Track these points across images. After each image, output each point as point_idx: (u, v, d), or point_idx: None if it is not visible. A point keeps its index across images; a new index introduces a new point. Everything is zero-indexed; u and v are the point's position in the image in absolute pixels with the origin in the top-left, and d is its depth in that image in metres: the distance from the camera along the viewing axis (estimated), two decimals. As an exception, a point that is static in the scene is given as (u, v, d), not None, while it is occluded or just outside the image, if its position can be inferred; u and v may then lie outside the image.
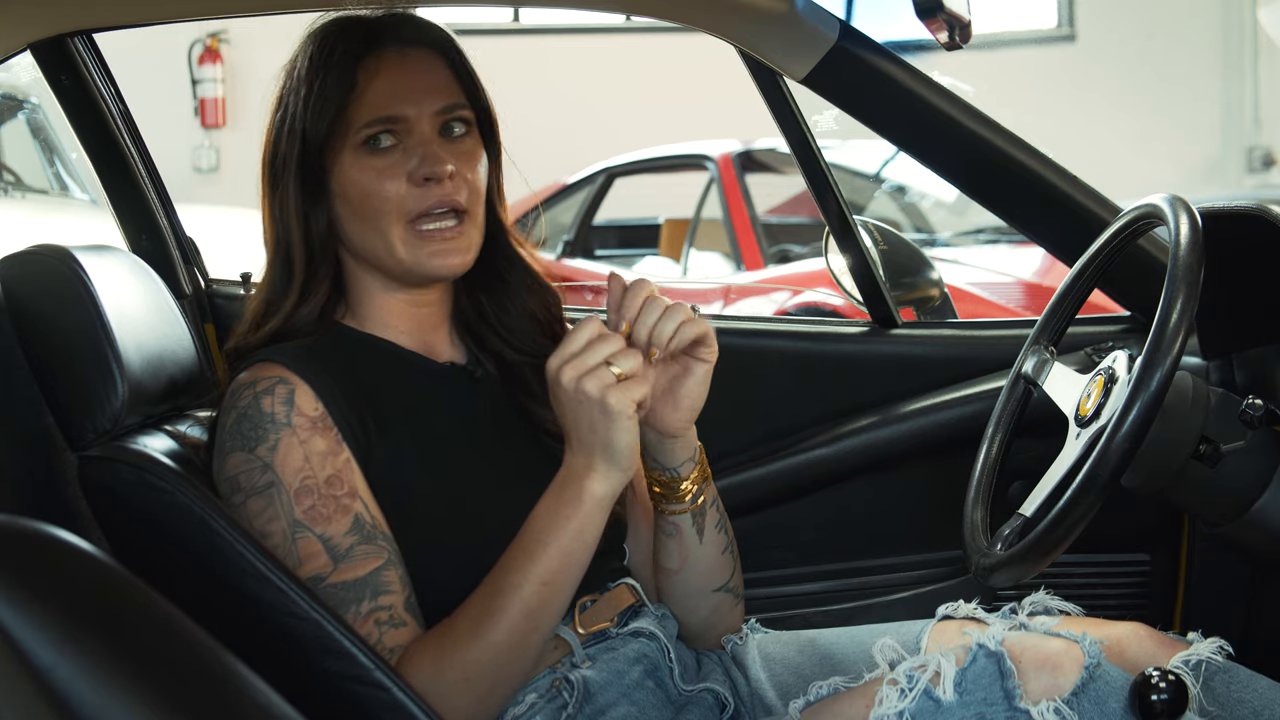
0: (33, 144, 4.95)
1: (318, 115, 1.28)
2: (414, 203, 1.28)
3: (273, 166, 1.32)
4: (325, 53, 1.29)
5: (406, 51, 1.31)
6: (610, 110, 8.09)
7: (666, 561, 1.37)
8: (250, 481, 1.22)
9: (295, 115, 1.29)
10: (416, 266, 1.30)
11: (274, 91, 1.34)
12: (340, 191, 1.30)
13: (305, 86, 1.29)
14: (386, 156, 1.29)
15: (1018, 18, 8.79)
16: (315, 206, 1.31)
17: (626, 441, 1.17)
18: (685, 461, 1.31)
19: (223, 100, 8.21)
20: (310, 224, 1.31)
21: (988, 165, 1.66)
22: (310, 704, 0.94)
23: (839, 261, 1.87)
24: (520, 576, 1.18)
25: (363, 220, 1.30)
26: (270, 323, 1.31)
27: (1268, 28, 7.95)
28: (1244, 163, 8.41)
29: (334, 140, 1.29)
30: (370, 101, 1.28)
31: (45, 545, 0.75)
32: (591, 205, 5.72)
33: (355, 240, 1.31)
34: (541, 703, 1.24)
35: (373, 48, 1.30)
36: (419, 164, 1.28)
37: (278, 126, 1.32)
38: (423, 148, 1.29)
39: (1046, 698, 1.12)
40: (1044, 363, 1.42)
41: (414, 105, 1.29)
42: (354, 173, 1.29)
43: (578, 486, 1.18)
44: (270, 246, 1.34)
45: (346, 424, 1.25)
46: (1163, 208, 1.27)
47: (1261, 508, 1.26)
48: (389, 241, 1.29)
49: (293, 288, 1.31)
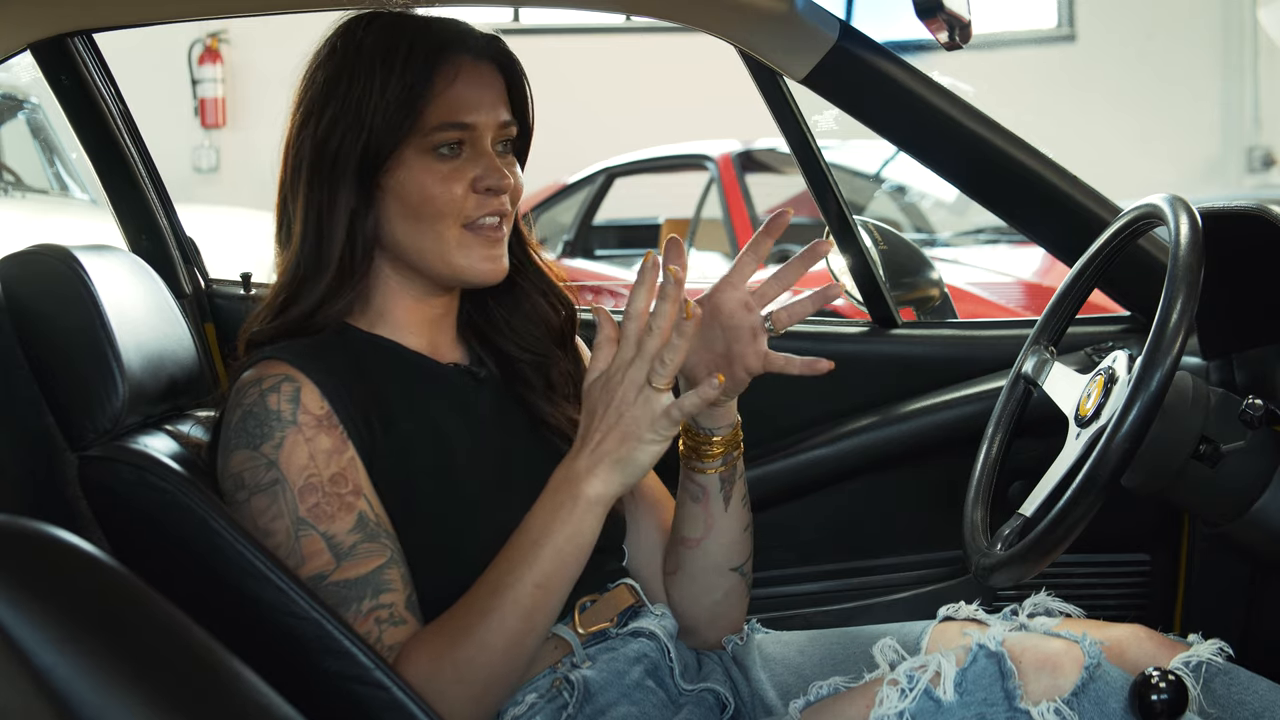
0: (33, 144, 4.95)
1: (392, 114, 1.27)
2: (472, 209, 1.30)
3: (321, 159, 1.29)
4: (398, 51, 1.28)
5: (479, 63, 1.33)
6: (610, 110, 8.10)
7: (690, 530, 1.37)
8: (255, 479, 1.22)
9: (364, 110, 1.27)
10: (469, 268, 1.31)
11: (308, 78, 1.32)
12: (397, 190, 1.29)
13: (379, 82, 1.27)
14: (451, 162, 1.30)
15: (1018, 18, 8.79)
16: (367, 204, 1.30)
17: (646, 462, 1.18)
18: (723, 426, 1.34)
19: (223, 100, 8.22)
20: (356, 221, 1.30)
21: (988, 165, 1.66)
22: (310, 704, 0.94)
23: (839, 261, 1.87)
24: (515, 577, 1.18)
25: (417, 220, 1.30)
26: (292, 313, 1.31)
27: (1268, 28, 7.95)
28: (1244, 163, 8.42)
29: (405, 140, 1.28)
30: (445, 106, 1.28)
31: (45, 545, 0.75)
32: (591, 205, 5.73)
33: (402, 240, 1.31)
34: (541, 703, 1.24)
35: (450, 54, 1.30)
36: (484, 174, 1.30)
37: (331, 119, 1.29)
38: (486, 159, 1.31)
39: (1047, 698, 1.12)
40: (1044, 363, 1.42)
41: (483, 114, 1.31)
42: (418, 174, 1.29)
43: (575, 489, 1.18)
44: (301, 238, 1.31)
45: (352, 422, 1.25)
46: (1163, 208, 1.27)
47: (1261, 508, 1.26)
48: (443, 243, 1.30)
49: (322, 282, 1.30)
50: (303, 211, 1.31)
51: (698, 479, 1.35)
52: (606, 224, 6.11)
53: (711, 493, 1.35)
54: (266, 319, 1.32)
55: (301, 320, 1.30)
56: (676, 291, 1.15)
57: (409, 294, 1.35)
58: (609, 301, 4.50)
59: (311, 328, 1.31)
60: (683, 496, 1.37)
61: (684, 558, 1.39)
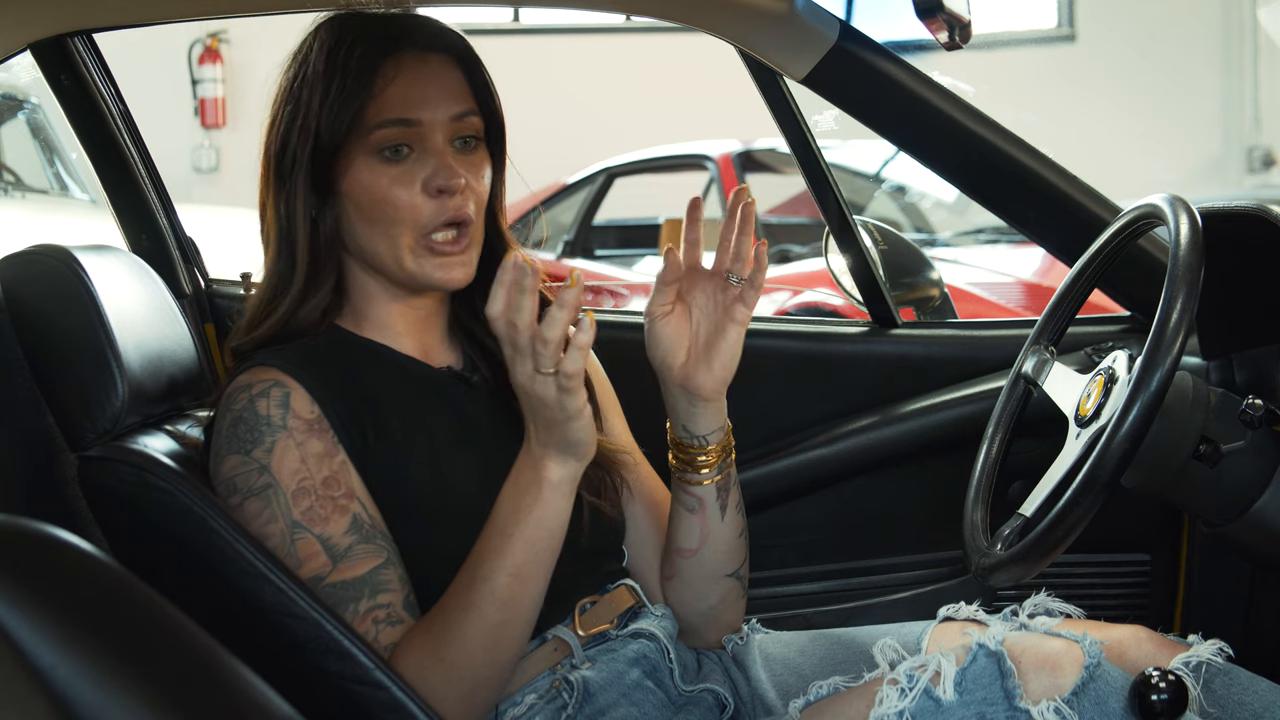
0: (33, 144, 4.95)
1: (334, 115, 1.27)
2: (428, 216, 1.28)
3: (280, 162, 1.30)
4: (343, 51, 1.28)
5: (425, 56, 1.30)
6: (610, 110, 8.10)
7: (685, 541, 1.37)
8: (247, 484, 1.22)
9: (310, 112, 1.28)
10: (422, 276, 1.30)
11: (278, 83, 1.33)
12: (350, 194, 1.29)
13: (322, 83, 1.27)
14: (400, 164, 1.28)
15: (1018, 18, 8.79)
16: (324, 206, 1.30)
17: (583, 437, 1.16)
18: (714, 430, 1.33)
19: (223, 100, 8.21)
20: (316, 224, 1.31)
21: (988, 165, 1.66)
22: (310, 704, 0.94)
23: (839, 261, 1.87)
24: (490, 569, 1.18)
25: (371, 224, 1.29)
26: (270, 321, 1.31)
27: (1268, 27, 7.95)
28: (1244, 163, 8.42)
29: (349, 141, 1.27)
30: (386, 103, 1.27)
31: (45, 545, 0.75)
32: (591, 205, 5.73)
33: (361, 243, 1.31)
34: (541, 704, 1.24)
35: (392, 50, 1.29)
36: (433, 174, 1.27)
37: (287, 121, 1.29)
38: (436, 157, 1.28)
39: (1047, 697, 1.12)
40: (1044, 363, 1.42)
41: (429, 110, 1.28)
42: (366, 177, 1.28)
43: (535, 473, 1.18)
44: (272, 244, 1.33)
45: (343, 426, 1.25)
46: (1163, 208, 1.27)
47: (1261, 508, 1.26)
48: (397, 250, 1.29)
49: (294, 287, 1.31)
50: (272, 216, 1.32)
51: (694, 491, 1.35)
52: (606, 224, 6.11)
53: (708, 503, 1.35)
54: (249, 329, 1.32)
55: (280, 326, 1.30)
56: (533, 281, 1.10)
57: (386, 295, 1.34)
58: (609, 301, 4.51)
59: (294, 331, 1.31)
60: (677, 508, 1.37)
61: (679, 566, 1.39)
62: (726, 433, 1.34)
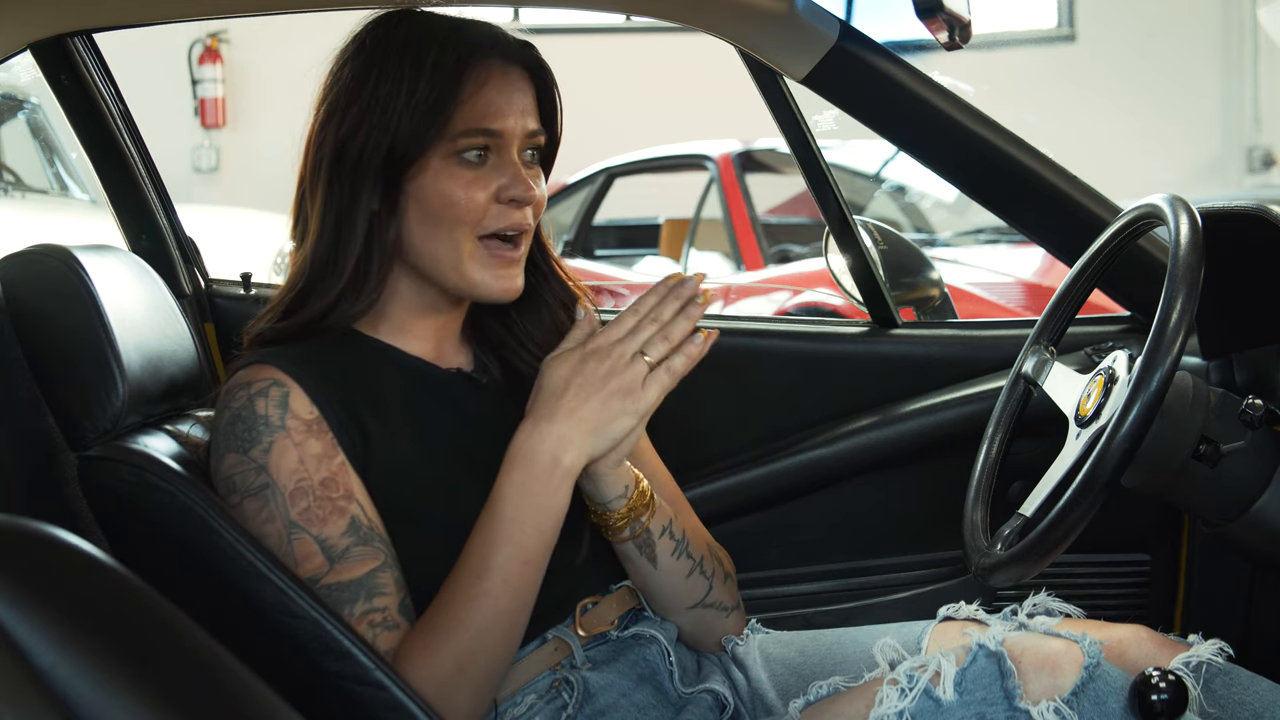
0: (33, 144, 4.95)
1: (420, 115, 1.25)
2: (492, 220, 1.28)
3: (343, 157, 1.27)
4: (428, 52, 1.26)
5: (509, 68, 1.30)
6: (610, 110, 8.08)
7: (632, 578, 1.37)
8: (245, 483, 1.22)
9: (392, 110, 1.25)
10: (482, 285, 1.29)
11: (334, 74, 1.29)
12: (418, 194, 1.27)
13: (406, 83, 1.25)
14: (477, 169, 1.27)
15: (1018, 18, 8.79)
16: (389, 208, 1.28)
17: (618, 434, 1.21)
18: (615, 499, 1.28)
19: (223, 100, 8.21)
20: (375, 226, 1.28)
21: (988, 165, 1.66)
22: (310, 704, 0.94)
23: (839, 261, 1.87)
24: (503, 558, 1.18)
25: (435, 226, 1.27)
26: (301, 315, 1.29)
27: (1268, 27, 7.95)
28: (1244, 162, 8.41)
29: (430, 142, 1.26)
30: (473, 111, 1.26)
31: (45, 545, 0.75)
32: (591, 205, 5.72)
33: (419, 246, 1.28)
34: (541, 704, 1.24)
35: (478, 57, 1.27)
36: (509, 184, 1.27)
37: (356, 116, 1.26)
38: (512, 168, 1.28)
39: (1046, 697, 1.12)
40: (1044, 363, 1.42)
41: (511, 122, 1.28)
42: (442, 179, 1.26)
43: (551, 459, 1.19)
44: (314, 238, 1.29)
45: (343, 428, 1.25)
46: (1163, 208, 1.27)
47: (1261, 508, 1.26)
48: (458, 253, 1.27)
49: (335, 287, 1.28)
50: (320, 210, 1.28)
51: (616, 547, 1.33)
52: (606, 224, 6.11)
53: (633, 558, 1.33)
54: (274, 318, 1.31)
55: (308, 324, 1.29)
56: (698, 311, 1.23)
57: (419, 302, 1.33)
58: (609, 301, 4.51)
59: (316, 331, 1.29)
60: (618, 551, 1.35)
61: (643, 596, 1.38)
62: (634, 495, 1.29)
